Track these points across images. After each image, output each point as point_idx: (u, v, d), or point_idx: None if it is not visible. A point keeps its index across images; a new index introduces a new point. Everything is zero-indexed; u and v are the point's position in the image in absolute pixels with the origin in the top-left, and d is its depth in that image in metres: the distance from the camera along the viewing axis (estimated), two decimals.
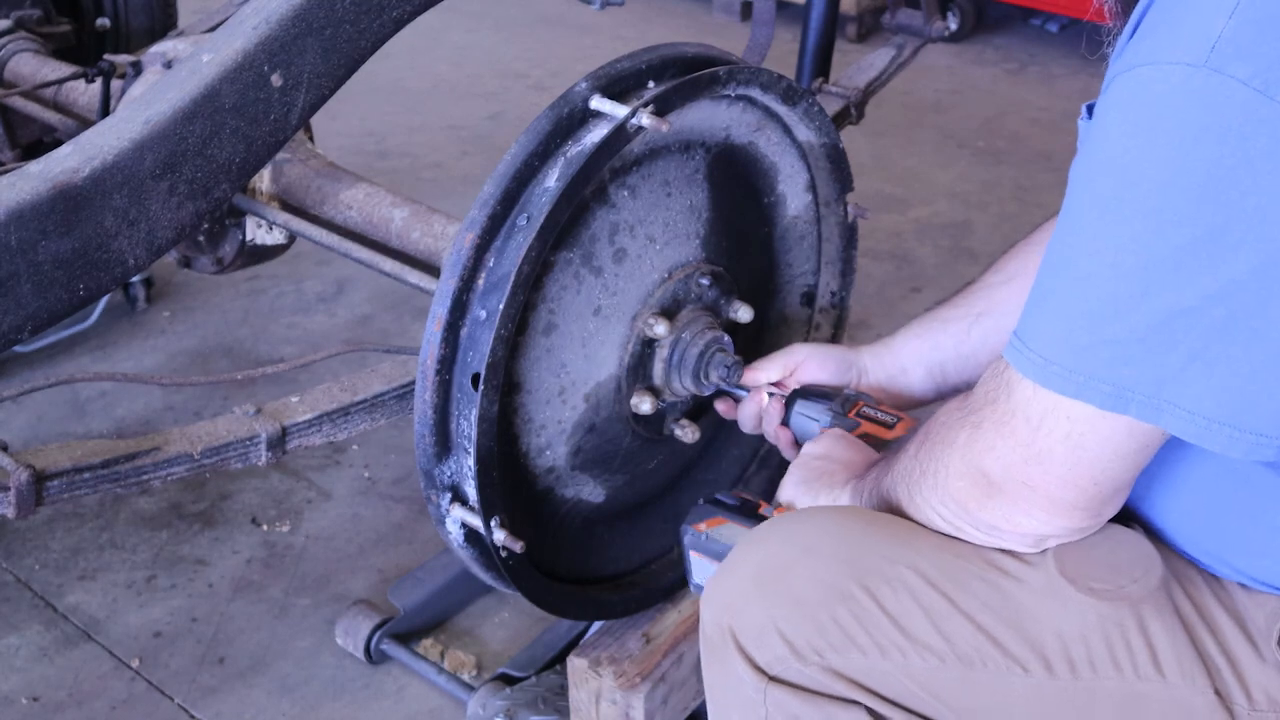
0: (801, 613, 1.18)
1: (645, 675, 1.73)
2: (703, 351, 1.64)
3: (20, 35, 2.37)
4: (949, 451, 1.14)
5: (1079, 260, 1.02)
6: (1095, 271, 1.00)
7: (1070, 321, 1.02)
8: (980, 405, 1.11)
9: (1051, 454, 1.06)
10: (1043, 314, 1.05)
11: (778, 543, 1.25)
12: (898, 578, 1.17)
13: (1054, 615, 1.14)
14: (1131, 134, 0.99)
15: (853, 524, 1.24)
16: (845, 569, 1.18)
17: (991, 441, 1.09)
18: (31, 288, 1.50)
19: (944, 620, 1.15)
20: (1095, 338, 1.01)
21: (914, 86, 4.49)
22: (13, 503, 1.47)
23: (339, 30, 1.71)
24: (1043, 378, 1.04)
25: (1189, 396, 0.99)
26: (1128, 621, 1.13)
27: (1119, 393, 1.00)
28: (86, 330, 2.86)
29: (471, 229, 1.43)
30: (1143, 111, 0.98)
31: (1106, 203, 1.00)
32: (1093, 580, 1.14)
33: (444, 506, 1.51)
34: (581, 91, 1.46)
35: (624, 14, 5.06)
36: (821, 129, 1.73)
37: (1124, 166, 0.99)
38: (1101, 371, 1.01)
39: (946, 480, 1.15)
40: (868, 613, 1.16)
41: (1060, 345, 1.03)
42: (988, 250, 3.46)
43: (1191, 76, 0.95)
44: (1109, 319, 1.00)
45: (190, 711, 1.98)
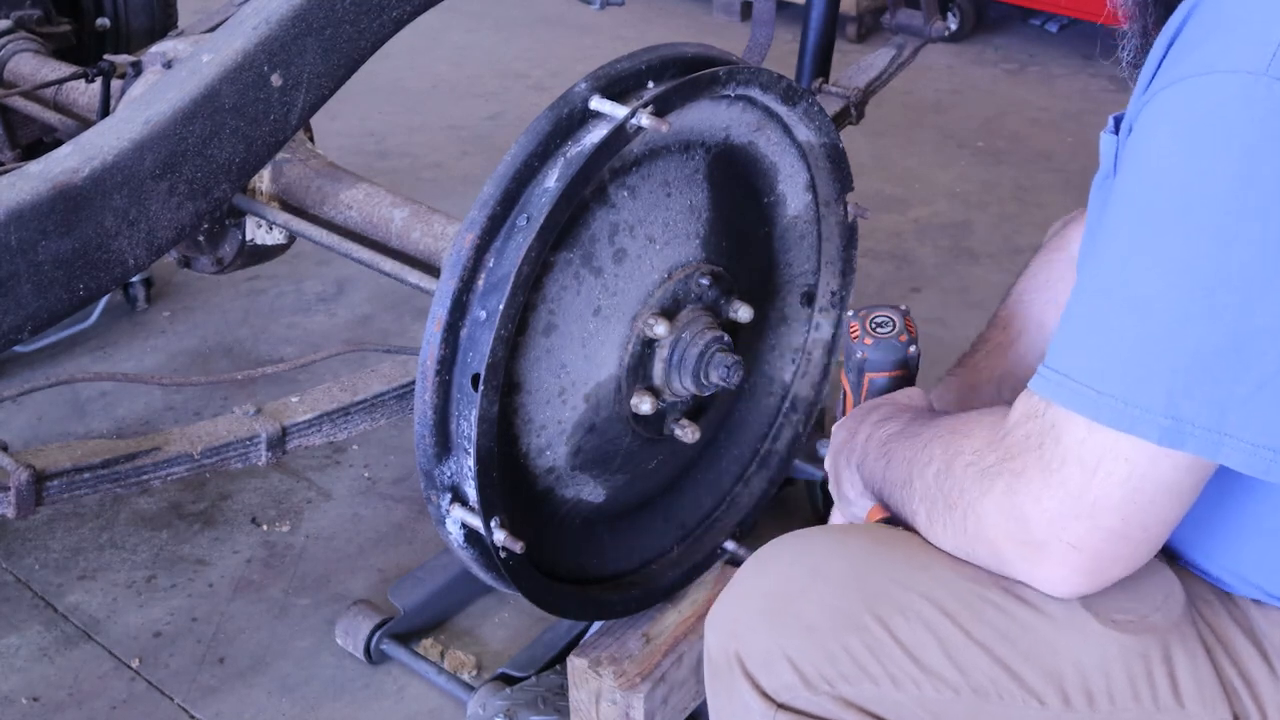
0: (812, 640, 1.14)
1: (645, 675, 1.73)
2: (703, 351, 1.64)
3: (20, 35, 2.37)
4: (984, 500, 1.07)
5: (1132, 284, 0.97)
6: (1153, 295, 0.95)
7: (1125, 349, 0.97)
8: (1020, 450, 1.04)
9: (1106, 502, 0.99)
10: (1089, 342, 1.00)
11: (786, 566, 1.21)
12: (911, 606, 1.13)
13: (1074, 647, 1.10)
14: (1189, 147, 0.95)
15: (864, 546, 1.20)
16: (857, 595, 1.15)
17: (1037, 493, 1.02)
18: (31, 288, 1.50)
19: (959, 651, 1.11)
20: (1155, 367, 0.95)
21: (914, 86, 4.49)
22: (13, 503, 1.47)
23: (339, 30, 1.71)
24: (1095, 412, 0.98)
25: (1254, 427, 0.95)
26: (1151, 653, 1.10)
27: (1178, 426, 0.95)
28: (86, 330, 2.86)
29: (471, 229, 1.43)
30: (1200, 123, 0.94)
31: (1164, 221, 0.95)
32: (1115, 611, 1.10)
33: (444, 507, 1.51)
34: (581, 92, 1.46)
35: (624, 14, 5.06)
36: (821, 129, 1.73)
37: (1183, 182, 0.95)
38: (1160, 403, 0.95)
39: (980, 529, 1.08)
40: (880, 642, 1.13)
41: (1114, 375, 0.97)
42: (988, 250, 3.47)
43: (1253, 85, 0.92)
44: (1170, 346, 0.95)
45: (190, 711, 1.98)
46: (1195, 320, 0.94)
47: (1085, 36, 5.19)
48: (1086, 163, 4.08)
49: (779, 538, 1.28)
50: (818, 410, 1.98)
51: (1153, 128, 0.98)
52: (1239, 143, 0.92)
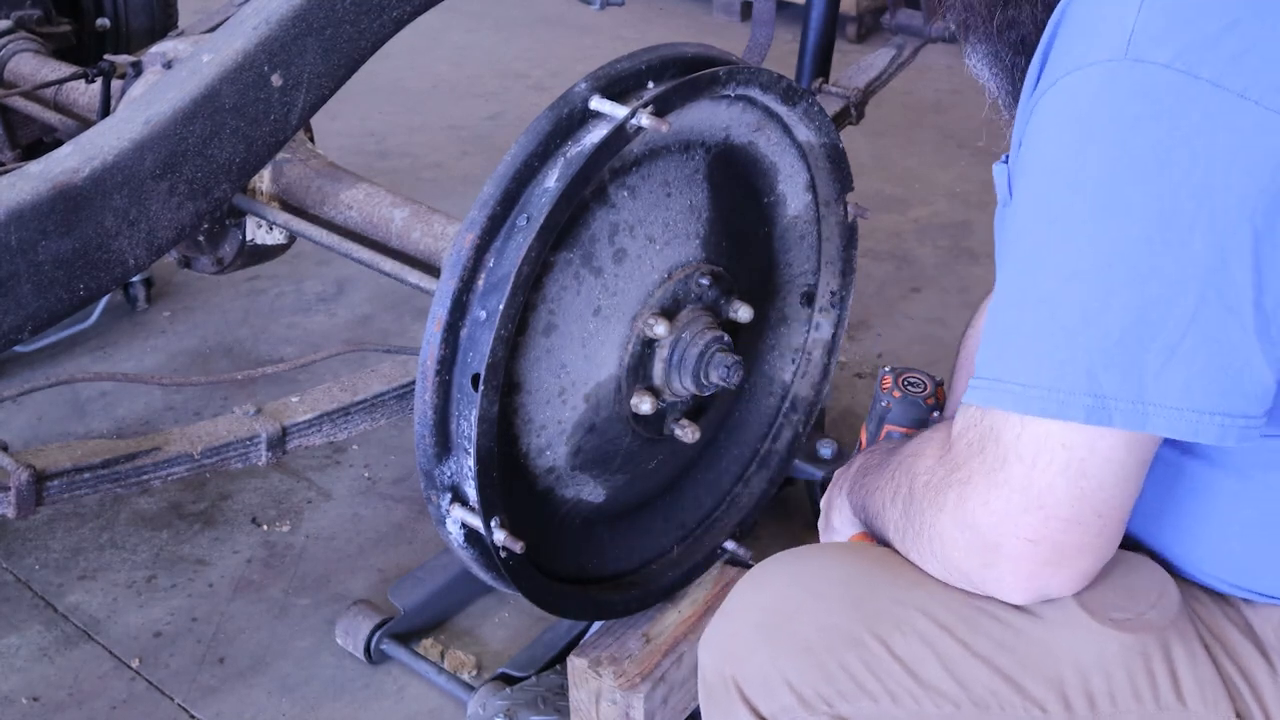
0: (809, 660, 1.13)
1: (645, 675, 1.73)
2: (703, 351, 1.64)
3: (20, 35, 2.37)
4: (940, 516, 1.09)
5: (1039, 281, 1.00)
6: (1058, 285, 0.99)
7: (1043, 342, 1.00)
8: (964, 459, 1.06)
9: (1052, 492, 1.01)
10: (1010, 343, 1.03)
11: (782, 585, 1.20)
12: (908, 622, 1.12)
13: (1073, 648, 1.10)
14: (1067, 140, 0.99)
15: (858, 563, 1.20)
16: (853, 613, 1.14)
17: (984, 496, 1.04)
18: (31, 288, 1.50)
19: (957, 664, 1.11)
20: (1071, 351, 0.98)
21: (914, 86, 4.49)
22: (13, 503, 1.47)
23: (339, 30, 1.71)
24: (1024, 404, 1.00)
25: (1174, 393, 0.97)
26: (1151, 650, 1.10)
27: (1101, 402, 0.98)
28: (86, 330, 2.86)
29: (471, 229, 1.43)
30: (1074, 114, 0.99)
31: (1055, 213, 0.99)
32: (1113, 610, 1.11)
33: (444, 507, 1.51)
34: (581, 92, 1.46)
35: (624, 14, 5.06)
36: (821, 129, 1.73)
37: (1066, 172, 0.99)
38: (1082, 384, 0.98)
39: (944, 549, 1.10)
40: (878, 659, 1.12)
41: (1036, 367, 1.00)
42: (987, 250, 3.46)
43: (1115, 70, 0.96)
44: (1080, 328, 0.98)
45: (190, 711, 1.98)
46: (1098, 299, 0.97)
47: None
48: None
49: (771, 557, 1.27)
50: (818, 410, 1.98)
51: (1035, 133, 1.03)
52: (1108, 124, 0.96)
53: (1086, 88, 0.98)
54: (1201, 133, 0.94)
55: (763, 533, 2.28)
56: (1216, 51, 0.95)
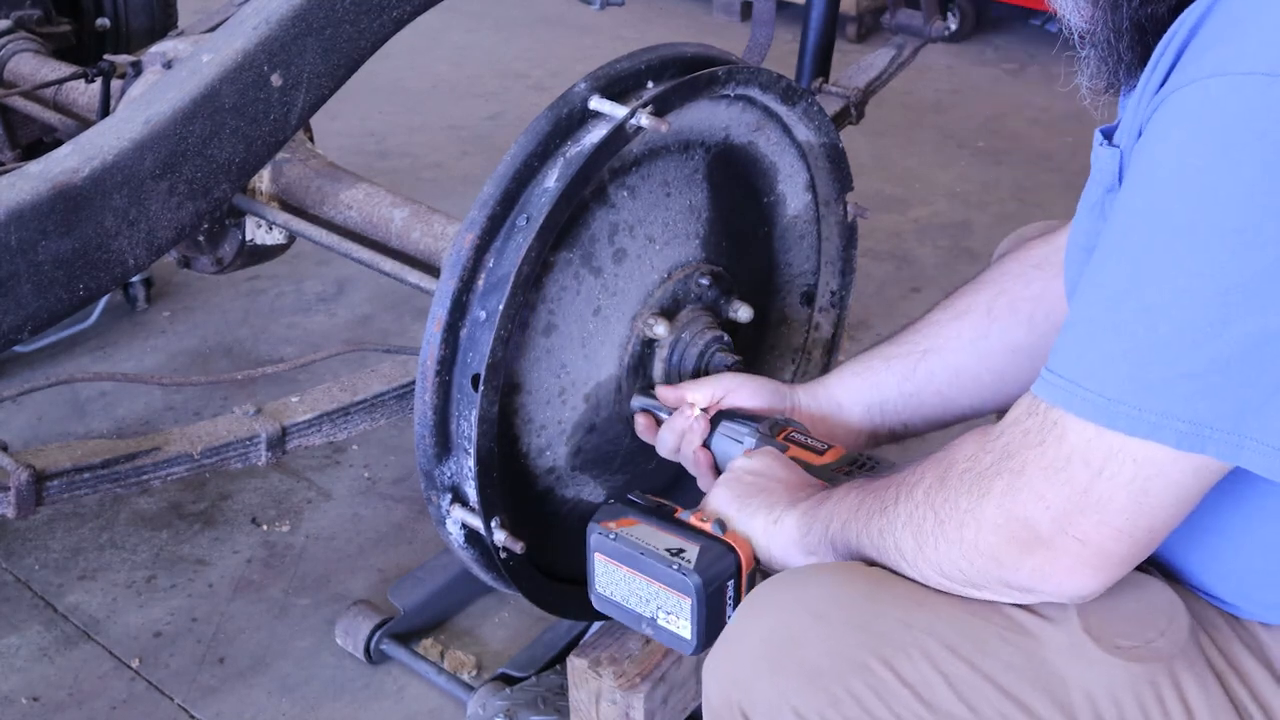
0: (816, 687, 1.11)
1: (645, 675, 1.73)
2: (703, 351, 1.64)
3: (20, 35, 2.37)
4: (982, 502, 1.05)
5: (1144, 290, 0.95)
6: (1167, 301, 0.94)
7: (1138, 356, 0.95)
8: (1019, 449, 1.03)
9: (1111, 502, 0.98)
10: (1100, 350, 0.98)
11: (785, 609, 1.17)
12: (915, 644, 1.10)
13: (1081, 676, 1.08)
14: (1204, 151, 0.93)
15: (861, 584, 1.17)
16: (859, 637, 1.12)
17: (1040, 489, 1.01)
18: (31, 288, 1.50)
19: (966, 687, 1.09)
20: (1169, 372, 0.94)
21: (914, 86, 4.49)
22: (13, 503, 1.47)
23: (339, 30, 1.71)
24: (1108, 419, 0.96)
25: (1273, 430, 0.94)
26: (1160, 679, 1.08)
27: (1196, 430, 0.94)
28: (86, 330, 2.86)
29: (471, 229, 1.43)
30: (1217, 125, 0.93)
31: (1180, 226, 0.94)
32: (1119, 637, 1.09)
33: (444, 507, 1.51)
34: (581, 92, 1.46)
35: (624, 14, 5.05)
36: (821, 129, 1.73)
37: (1198, 185, 0.93)
38: (1177, 408, 0.94)
39: (977, 534, 1.05)
40: (885, 684, 1.10)
41: (1127, 383, 0.96)
42: (987, 250, 3.44)
43: (1269, 87, 0.90)
44: (1185, 351, 0.93)
45: (190, 711, 1.98)
46: (1212, 324, 0.93)
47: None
48: (1086, 163, 4.06)
49: (773, 578, 1.24)
50: None
51: (1164, 131, 0.97)
52: (1256, 146, 0.91)
53: (1235, 99, 0.92)
54: None
55: None
56: None
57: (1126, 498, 0.98)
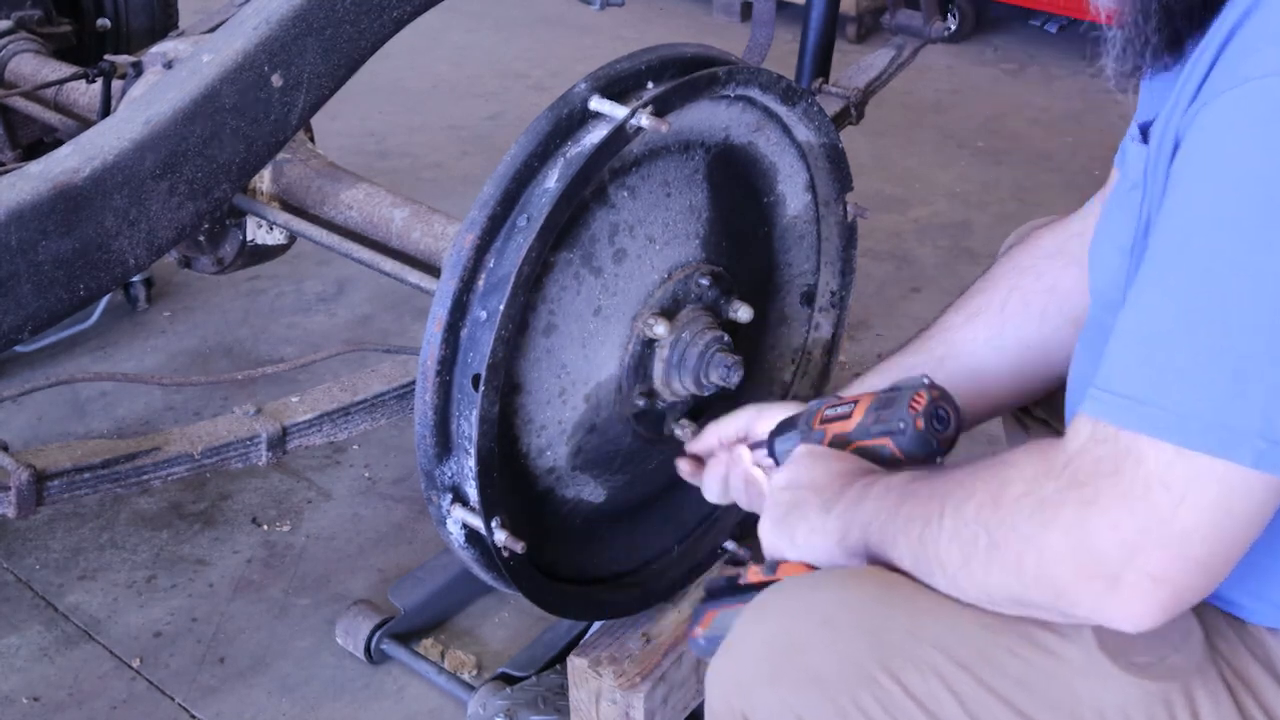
0: (821, 695, 1.09)
1: (645, 675, 1.73)
2: (703, 351, 1.64)
3: (21, 35, 2.37)
4: (1045, 530, 0.98)
5: (1214, 300, 0.92)
6: (1242, 310, 0.90)
7: (1212, 369, 0.91)
8: (1090, 477, 0.96)
9: (1195, 531, 0.92)
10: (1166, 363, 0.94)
11: (789, 614, 1.15)
12: (924, 658, 1.07)
13: (1095, 694, 1.05)
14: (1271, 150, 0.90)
15: (869, 591, 1.14)
16: (866, 646, 1.09)
17: (1116, 519, 0.94)
18: (32, 288, 1.50)
19: (976, 704, 1.06)
20: (1247, 385, 0.90)
21: (914, 86, 4.49)
22: (13, 503, 1.47)
23: (339, 30, 1.71)
24: (1182, 436, 0.91)
25: None
26: (1174, 697, 1.05)
27: (1275, 449, 0.90)
28: (86, 330, 2.86)
29: (471, 230, 1.43)
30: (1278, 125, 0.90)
31: (1249, 232, 0.90)
32: (1134, 654, 1.05)
33: (445, 507, 1.51)
34: (581, 92, 1.46)
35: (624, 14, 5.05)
36: (821, 129, 1.73)
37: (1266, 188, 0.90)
38: (1255, 424, 0.90)
39: (1041, 565, 0.99)
40: (892, 698, 1.07)
41: (1201, 397, 0.91)
42: (987, 250, 3.46)
43: None
44: (1266, 364, 0.90)
45: (190, 711, 1.98)
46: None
47: (1085, 37, 5.17)
48: (1086, 162, 4.10)
49: (778, 583, 1.22)
50: None
51: (1220, 133, 0.94)
52: None
53: None
54: None
55: None
56: None
57: (1210, 523, 0.93)
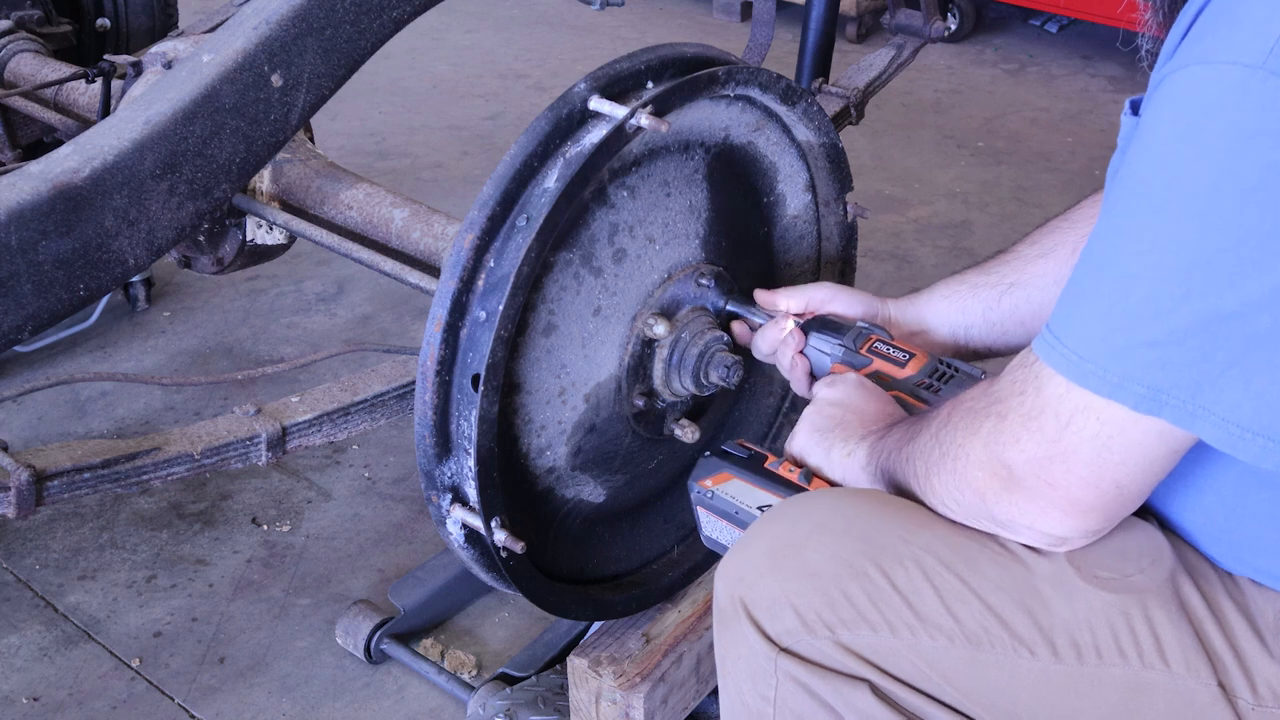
0: (813, 586, 1.18)
1: (645, 675, 1.73)
2: (702, 351, 1.64)
3: (21, 35, 2.37)
4: (971, 439, 1.13)
5: (1122, 258, 1.01)
6: (1138, 271, 0.99)
7: (1109, 320, 1.01)
8: (1006, 395, 1.10)
9: (1077, 453, 1.05)
10: (1080, 311, 1.04)
11: (792, 519, 1.25)
12: (911, 556, 1.17)
13: (1061, 602, 1.14)
14: (1183, 133, 0.98)
15: (868, 504, 1.24)
16: (859, 545, 1.18)
17: (1016, 434, 1.08)
18: (32, 288, 1.50)
19: (954, 600, 1.15)
20: (1134, 338, 1.00)
21: (914, 86, 4.50)
22: (13, 503, 1.47)
23: (339, 30, 1.71)
24: (1077, 375, 1.03)
25: (1225, 403, 0.98)
26: (1133, 610, 1.13)
27: (1154, 395, 0.99)
28: (86, 330, 2.86)
29: (471, 230, 1.43)
30: (1195, 111, 0.97)
31: (1154, 201, 0.99)
32: (1099, 569, 1.14)
33: (445, 507, 1.51)
34: (580, 92, 1.46)
35: (624, 14, 5.06)
36: (821, 129, 1.73)
37: (1173, 165, 0.98)
38: (1137, 373, 1.00)
39: (966, 468, 1.14)
40: (879, 589, 1.16)
41: (1097, 344, 1.02)
42: (987, 250, 3.45)
43: (1248, 78, 0.94)
44: (1149, 320, 0.99)
45: (190, 711, 1.98)
46: (1174, 297, 0.98)
47: (1085, 36, 5.19)
48: (1086, 163, 4.10)
49: (790, 498, 1.33)
50: None
51: (1156, 111, 1.01)
52: (1227, 132, 0.95)
53: (1215, 86, 0.96)
54: None
55: None
56: None
57: (1090, 451, 1.04)
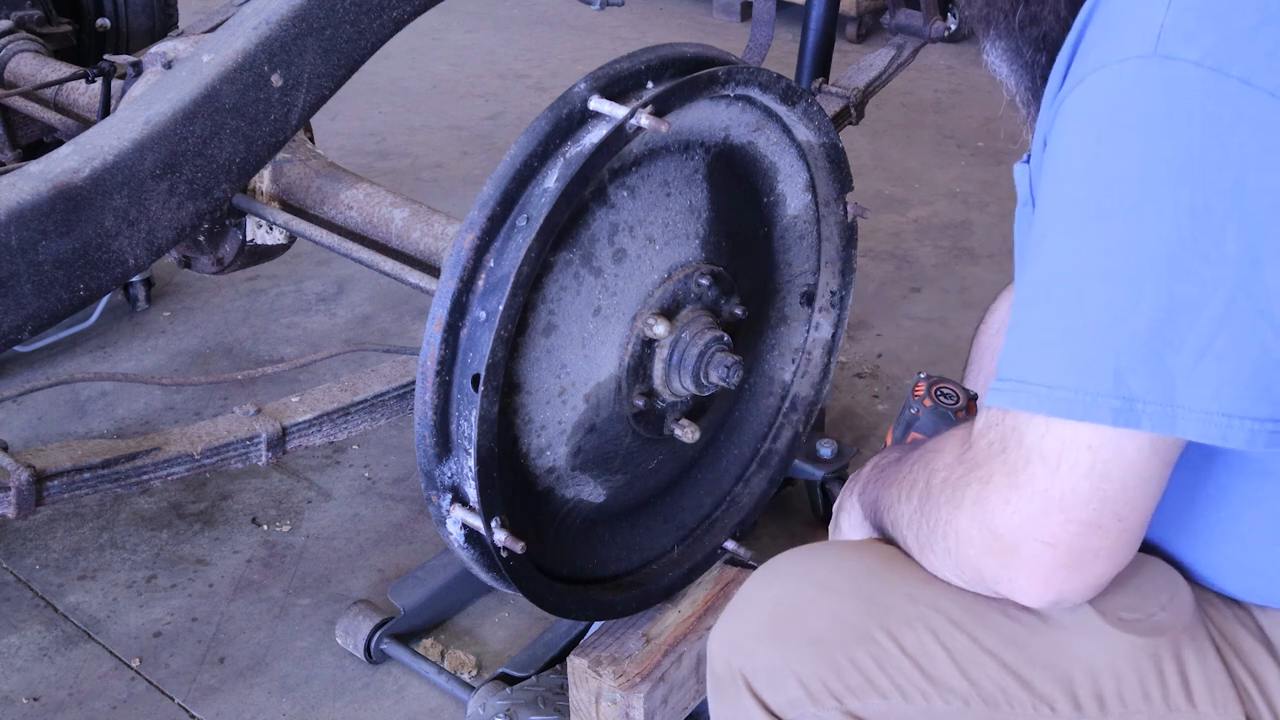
0: (818, 654, 1.13)
1: (645, 675, 1.73)
2: (702, 351, 1.64)
3: (21, 35, 2.37)
4: (956, 514, 1.06)
5: (1065, 280, 0.99)
6: (1085, 285, 0.97)
7: (1068, 341, 0.98)
8: (984, 459, 1.04)
9: (1075, 494, 0.98)
10: (1035, 344, 1.01)
11: (792, 580, 1.20)
12: (919, 617, 1.12)
13: (1083, 648, 1.09)
14: (1096, 137, 0.98)
15: (869, 559, 1.19)
16: (863, 607, 1.14)
17: (1005, 496, 1.02)
18: (32, 288, 1.50)
19: (968, 660, 1.10)
20: (1098, 350, 0.96)
21: (914, 86, 4.50)
22: (13, 503, 1.47)
23: (339, 30, 1.71)
24: (1049, 406, 0.98)
25: (1203, 395, 0.95)
26: (1162, 651, 1.09)
27: (1129, 406, 0.96)
28: (86, 330, 2.86)
29: (471, 230, 1.43)
30: (1103, 112, 0.97)
31: (1084, 212, 0.98)
32: (1122, 610, 1.10)
33: (444, 507, 1.51)
34: (581, 92, 1.46)
35: (624, 14, 5.06)
36: (821, 128, 1.73)
37: (1095, 171, 0.97)
38: (1108, 385, 0.96)
39: (958, 545, 1.07)
40: (888, 654, 1.12)
41: (1062, 368, 0.98)
42: (987, 250, 3.47)
43: (1144, 67, 0.95)
44: (1108, 328, 0.96)
45: (190, 711, 1.98)
46: (1127, 299, 0.95)
47: None
48: None
49: (783, 553, 1.26)
50: (817, 410, 1.98)
51: (1061, 131, 1.01)
52: (1139, 122, 0.95)
53: (1115, 85, 0.97)
54: (1234, 131, 0.92)
55: (763, 533, 2.29)
56: (1248, 49, 0.93)
57: (1088, 487, 0.98)
